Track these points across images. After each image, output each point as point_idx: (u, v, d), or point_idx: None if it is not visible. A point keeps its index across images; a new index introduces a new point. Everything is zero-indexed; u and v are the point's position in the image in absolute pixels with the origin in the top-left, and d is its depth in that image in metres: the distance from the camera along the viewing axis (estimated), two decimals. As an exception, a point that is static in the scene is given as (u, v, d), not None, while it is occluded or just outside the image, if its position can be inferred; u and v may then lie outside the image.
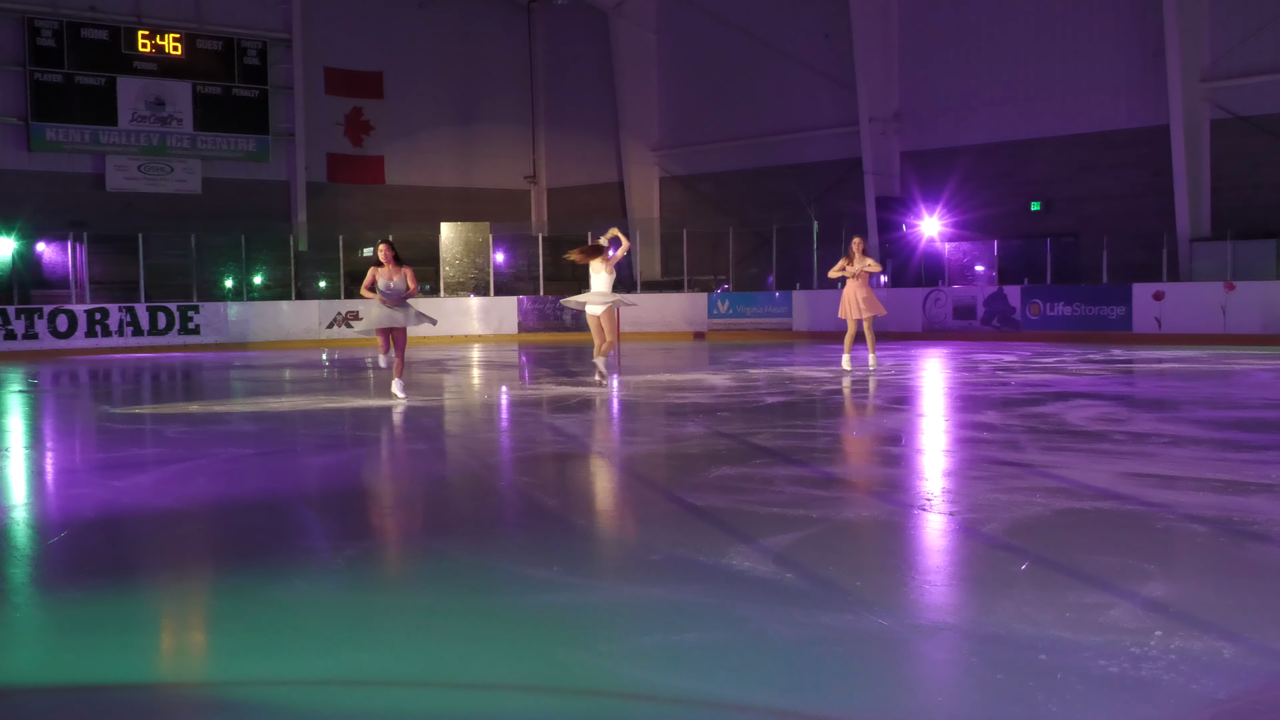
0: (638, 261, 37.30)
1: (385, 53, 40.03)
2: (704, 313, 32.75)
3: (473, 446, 11.38)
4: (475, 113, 41.97)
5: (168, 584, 6.35)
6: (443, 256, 34.46)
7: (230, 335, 30.50)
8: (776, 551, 6.43)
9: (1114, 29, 30.01)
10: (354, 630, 5.34)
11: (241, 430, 12.97)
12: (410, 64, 40.47)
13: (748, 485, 8.42)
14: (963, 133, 32.52)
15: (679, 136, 39.08)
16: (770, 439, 10.89)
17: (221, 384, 20.34)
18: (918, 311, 29.29)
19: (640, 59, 39.42)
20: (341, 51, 39.21)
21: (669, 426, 12.34)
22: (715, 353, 25.33)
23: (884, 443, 10.74)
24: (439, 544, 6.95)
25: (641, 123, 39.62)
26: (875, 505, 7.71)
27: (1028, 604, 5.37)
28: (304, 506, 8.49)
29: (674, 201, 39.58)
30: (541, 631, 5.20)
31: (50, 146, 33.92)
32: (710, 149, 38.19)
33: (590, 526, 7.39)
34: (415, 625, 5.39)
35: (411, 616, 5.52)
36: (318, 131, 38.56)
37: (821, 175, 35.43)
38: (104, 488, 9.07)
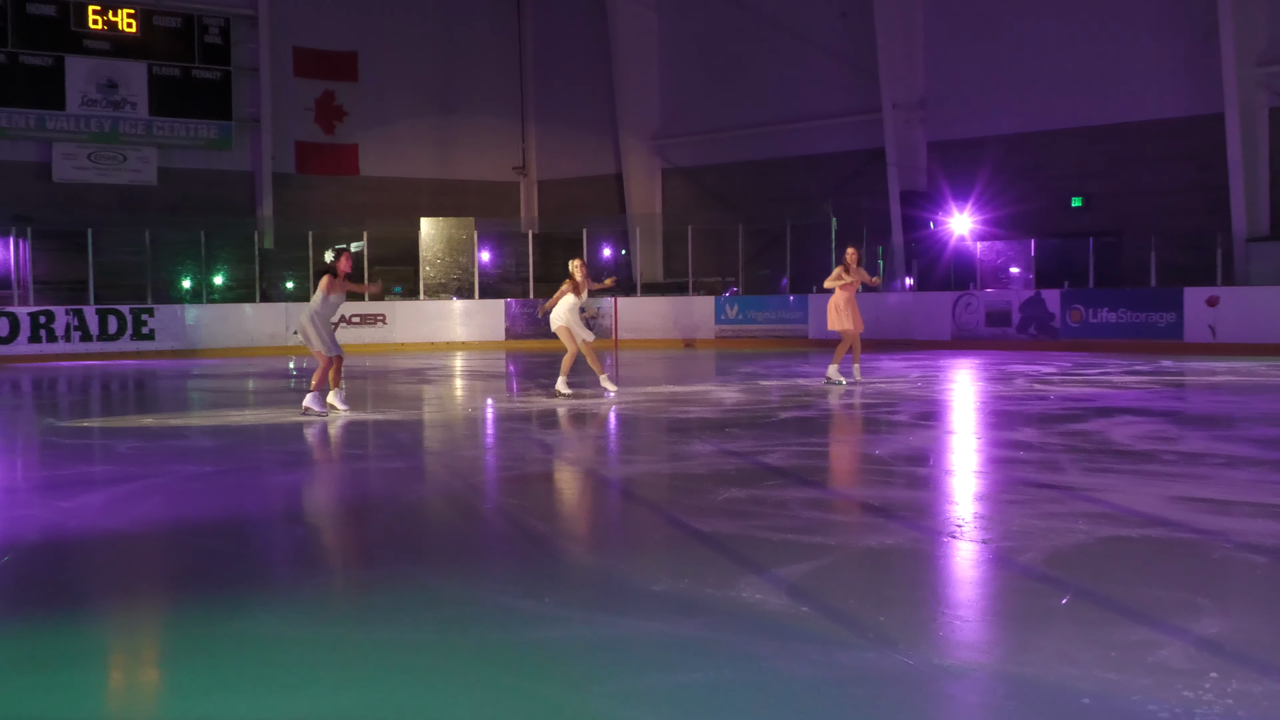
0: (637, 262, 37.31)
1: (360, 31, 40.05)
2: (710, 318, 32.74)
3: (454, 465, 11.36)
4: (459, 97, 41.97)
5: (119, 615, 6.33)
6: (422, 255, 34.46)
7: (188, 341, 30.48)
8: (790, 582, 6.41)
9: (1157, 9, 30.04)
10: (323, 667, 5.31)
11: (200, 446, 12.94)
12: (387, 43, 40.49)
13: (759, 509, 8.40)
14: (993, 121, 32.52)
15: (682, 125, 39.08)
16: (784, 458, 10.87)
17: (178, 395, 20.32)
18: (946, 317, 29.28)
19: (640, 40, 39.43)
20: (312, 29, 39.23)
21: (671, 444, 12.32)
22: (723, 362, 25.32)
23: (910, 463, 10.72)
24: (417, 572, 6.93)
25: (641, 110, 39.62)
26: (900, 532, 7.69)
27: (1068, 642, 5.35)
28: (269, 530, 8.47)
29: (677, 196, 39.58)
30: (531, 670, 5.17)
31: (-9, 132, 33.97)
32: (716, 138, 38.19)
33: (584, 554, 7.37)
34: (391, 662, 5.36)
35: (387, 652, 5.50)
36: (285, 117, 38.56)
37: (838, 168, 35.42)
38: (49, 509, 9.04)
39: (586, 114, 41.31)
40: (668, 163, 39.77)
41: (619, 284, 26.34)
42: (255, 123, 37.50)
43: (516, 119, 43.34)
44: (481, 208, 40.08)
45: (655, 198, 40.05)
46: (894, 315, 30.04)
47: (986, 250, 31.48)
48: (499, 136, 42.92)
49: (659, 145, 39.71)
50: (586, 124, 41.36)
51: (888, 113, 33.40)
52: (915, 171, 33.62)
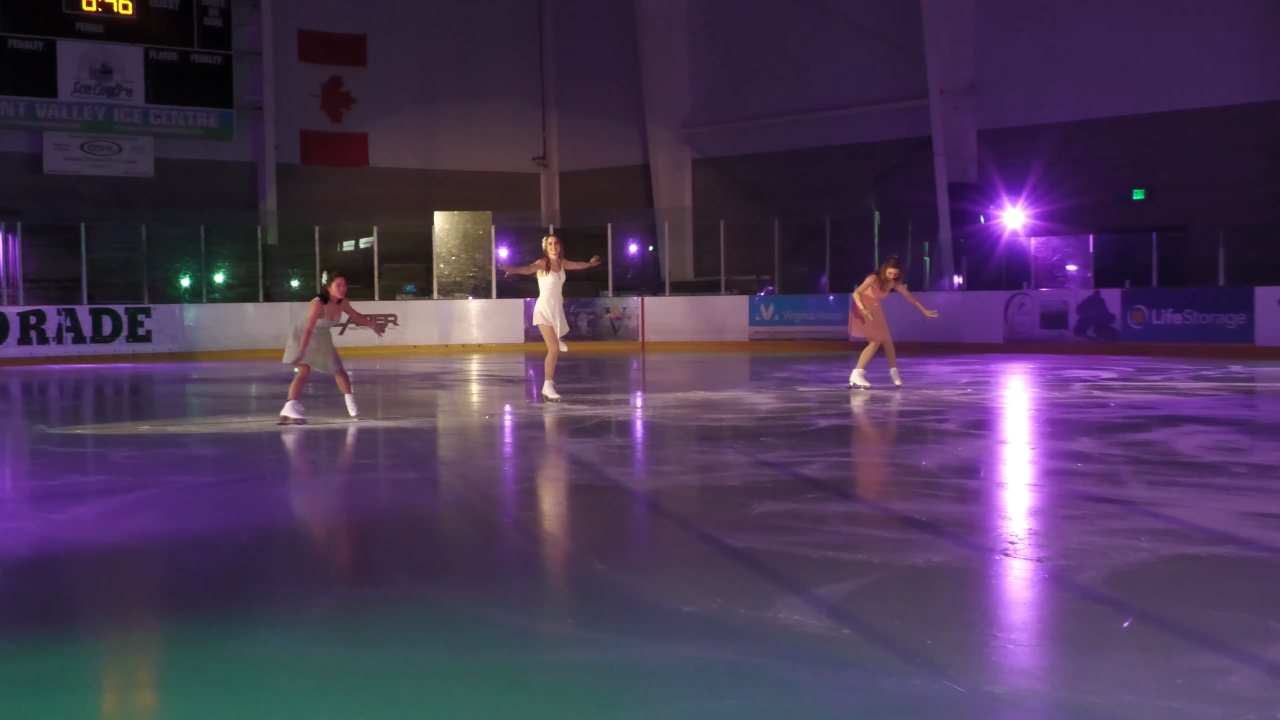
0: (665, 259, 37.30)
1: (369, 12, 40.17)
2: (744, 319, 32.71)
3: (470, 476, 11.37)
4: (475, 83, 42.03)
5: (113, 635, 6.35)
6: (436, 251, 34.50)
7: (187, 343, 30.60)
8: (831, 603, 6.40)
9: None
10: (330, 692, 5.32)
11: (200, 455, 12.98)
12: (398, 26, 40.58)
13: (796, 524, 8.38)
14: (1048, 108, 32.42)
15: (714, 112, 39.08)
16: (823, 469, 10.84)
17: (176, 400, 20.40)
18: (998, 319, 29.20)
19: (668, 21, 39.45)
20: (317, 11, 39.39)
21: (703, 454, 12.31)
22: (758, 366, 25.29)
23: (958, 475, 10.68)
24: (430, 591, 6.93)
25: (670, 96, 39.63)
26: (948, 549, 7.66)
27: (1130, 668, 5.33)
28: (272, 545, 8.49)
29: (708, 188, 39.58)
30: (553, 696, 5.17)
31: (-22, 121, 34.17)
32: (750, 126, 38.18)
33: (610, 572, 7.37)
34: (402, 687, 5.36)
35: (398, 677, 5.50)
36: (290, 105, 38.69)
37: (882, 158, 35.38)
38: (39, 521, 9.08)
39: (611, 101, 41.34)
40: (698, 153, 39.77)
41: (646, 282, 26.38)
42: (258, 110, 37.64)
43: (536, 106, 43.39)
44: (499, 201, 40.10)
45: (685, 190, 40.05)
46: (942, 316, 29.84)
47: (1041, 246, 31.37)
48: (518, 125, 42.96)
49: (689, 134, 39.72)
50: (611, 111, 41.40)
51: (935, 99, 33.32)
52: (964, 162, 33.54)
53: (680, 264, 38.51)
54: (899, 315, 27.29)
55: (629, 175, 41.06)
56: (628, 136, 40.89)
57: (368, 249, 35.15)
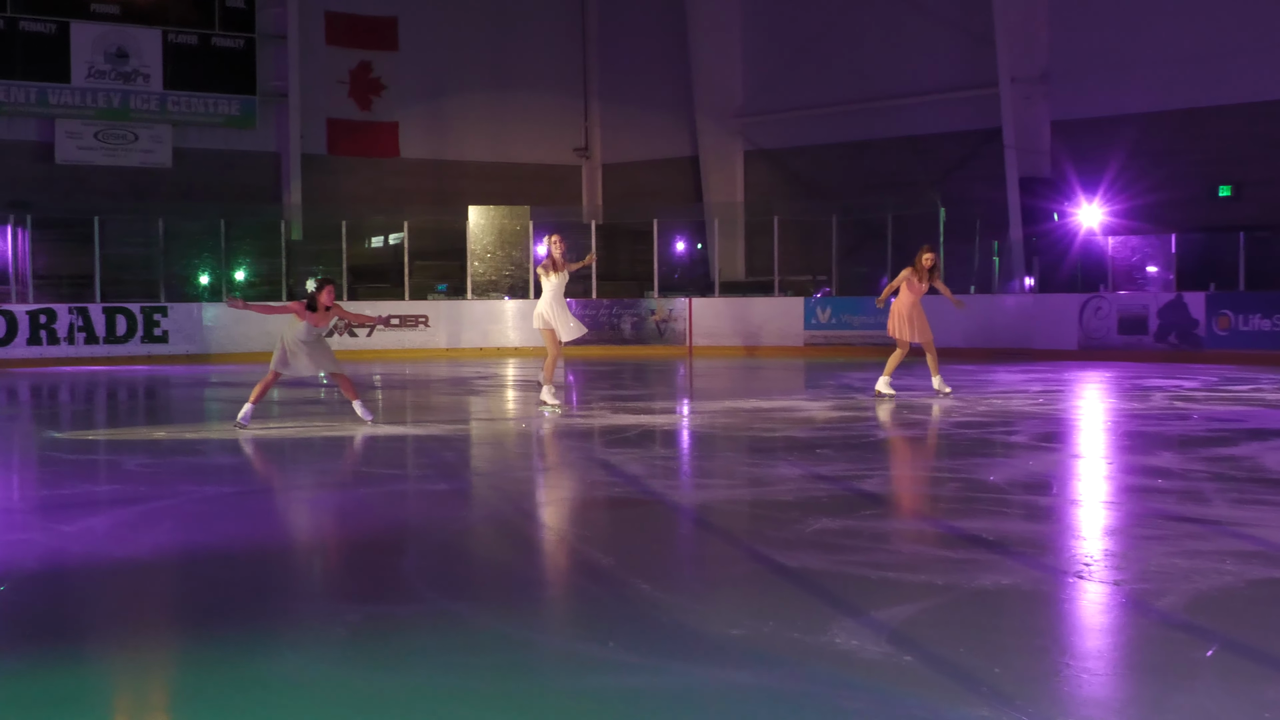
0: (715, 258, 37.26)
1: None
2: (799, 322, 32.66)
3: (506, 488, 11.39)
4: (513, 69, 42.07)
5: (126, 654, 6.38)
6: (470, 249, 34.56)
7: (205, 344, 30.74)
8: (891, 627, 6.39)
9: (1326, -34, 29.74)
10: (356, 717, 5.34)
11: (219, 464, 13.04)
12: (432, 7, 40.67)
13: (854, 542, 8.36)
14: (1128, 97, 32.23)
15: (768, 100, 39.04)
16: (883, 484, 10.82)
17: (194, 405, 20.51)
18: (1072, 323, 29.06)
19: (720, 3, 39.44)
20: (347, -9, 39.54)
21: (754, 466, 12.30)
22: (813, 373, 25.25)
23: (1029, 491, 10.64)
24: (463, 610, 6.95)
25: (721, 84, 39.60)
26: (1018, 570, 7.63)
27: (1213, 700, 5.30)
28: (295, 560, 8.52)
29: (761, 181, 39.55)
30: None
31: (-14, 108, 34.43)
32: (807, 116, 38.11)
33: (654, 592, 7.37)
34: (433, 713, 5.38)
35: (428, 702, 5.52)
36: (316, 91, 38.83)
37: (947, 150, 35.26)
38: (49, 533, 9.15)
39: (658, 89, 41.32)
40: (751, 144, 39.73)
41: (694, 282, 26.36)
42: (282, 97, 37.78)
43: (578, 94, 43.41)
44: (538, 194, 40.14)
45: (736, 184, 40.02)
46: (1011, 321, 29.85)
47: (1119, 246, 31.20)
48: (558, 114, 42.99)
49: (741, 124, 39.68)
50: (658, 100, 41.38)
51: (1005, 87, 33.18)
52: (1037, 155, 33.39)
53: (731, 263, 38.46)
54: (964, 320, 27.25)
55: (677, 168, 41.05)
56: (675, 127, 40.87)
57: (397, 245, 35.27)
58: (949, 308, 21.13)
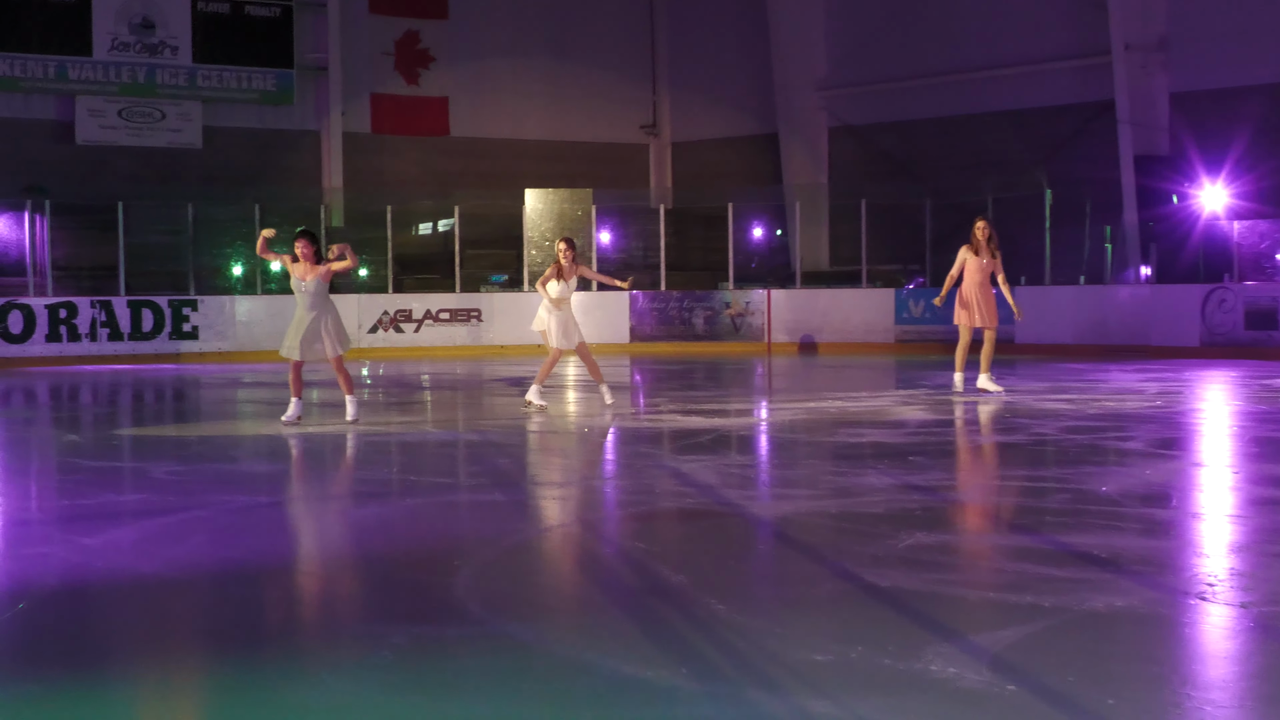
0: (796, 245, 37.16)
1: (452, -45, 40.45)
2: (889, 316, 32.59)
3: (567, 498, 11.42)
4: (573, 38, 42.13)
5: (153, 679, 6.44)
6: (526, 235, 34.64)
7: (238, 341, 30.95)
8: (993, 653, 6.37)
9: None
10: (405, 750, 5.37)
11: (253, 471, 13.13)
12: (485, -30, 40.85)
13: (951, 559, 8.33)
14: (1255, 66, 31.98)
15: (854, 72, 38.95)
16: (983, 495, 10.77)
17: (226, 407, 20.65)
18: (1194, 317, 28.85)
19: (803, -37, 39.44)
20: (393, -46, 39.70)
21: (839, 475, 12.28)
22: (905, 372, 25.18)
23: (1145, 503, 10.59)
24: (520, 632, 6.97)
25: (803, 53, 39.55)
26: (1133, 591, 7.60)
27: (1354, 735, 5.25)
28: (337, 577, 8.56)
29: (847, 161, 39.46)
30: (663, 758, 5.19)
31: (1, 85, 34.68)
32: (898, 88, 38.00)
33: (729, 613, 7.37)
34: (489, 745, 5.40)
35: (484, 733, 5.54)
36: (359, 64, 39.00)
37: (1054, 125, 35.08)
38: (70, 547, 9.23)
39: (733, 59, 41.31)
40: (835, 120, 39.66)
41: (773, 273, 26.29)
42: (322, 71, 37.99)
43: (645, 66, 43.44)
44: (601, 176, 40.17)
45: (819, 164, 39.95)
46: (1125, 314, 29.67)
47: (1247, 231, 30.95)
48: (623, 88, 43.02)
49: (824, 98, 39.62)
50: (733, 72, 41.37)
51: (1119, 55, 32.99)
52: (1154, 131, 33.17)
53: (813, 251, 38.39)
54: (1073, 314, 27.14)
55: (753, 146, 41.03)
56: (752, 101, 40.84)
57: (447, 232, 35.40)
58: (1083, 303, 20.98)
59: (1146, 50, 33.18)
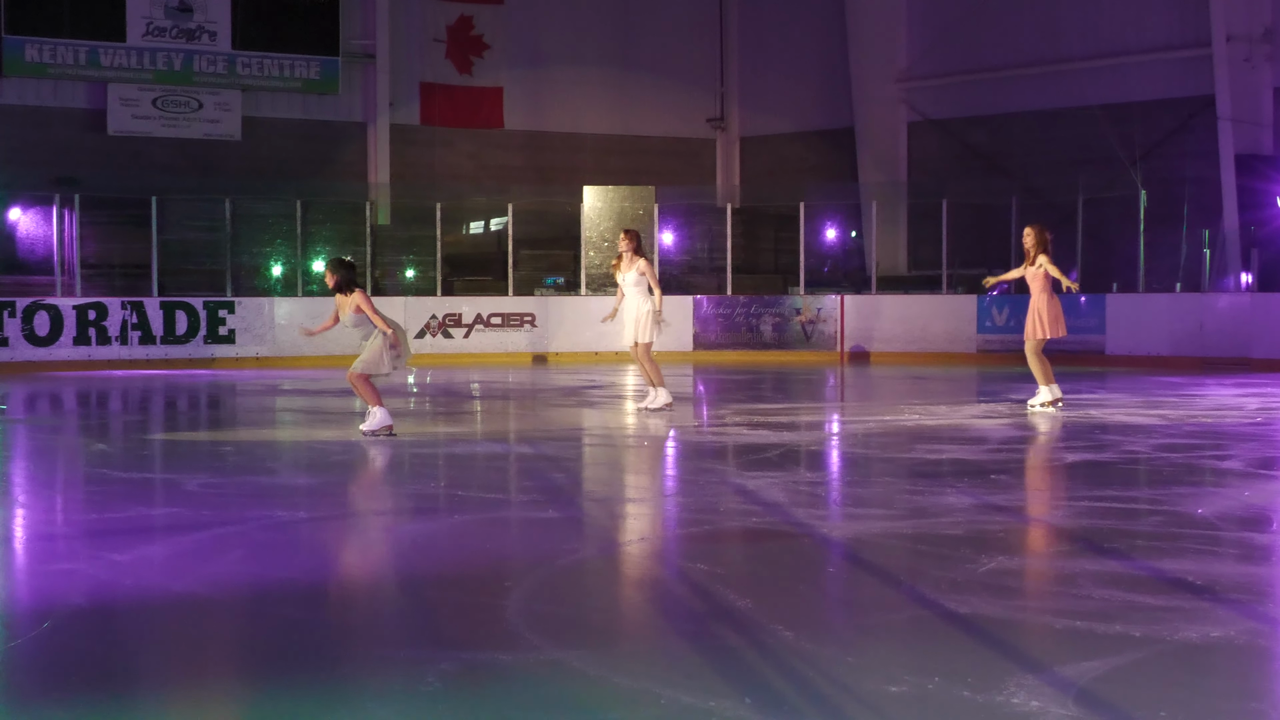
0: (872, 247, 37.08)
1: (507, -63, 40.50)
2: (971, 324, 32.47)
3: (624, 516, 11.43)
4: (637, 24, 42.12)
5: (186, 705, 6.48)
6: (585, 235, 34.62)
7: (278, 346, 31.03)
8: (1080, 686, 6.35)
9: None
10: (452, 782, 5.39)
11: (292, 484, 13.19)
12: (543, -47, 40.91)
13: (1035, 585, 8.31)
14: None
15: (938, 62, 38.84)
16: (1070, 516, 10.73)
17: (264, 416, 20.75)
18: (1298, 328, 28.68)
19: (882, -53, 39.37)
20: (444, -65, 39.79)
21: (916, 494, 12.26)
22: (987, 384, 25.10)
23: (1244, 526, 10.53)
24: (575, 659, 6.99)
25: (882, 42, 39.46)
26: (1231, 621, 7.56)
27: None
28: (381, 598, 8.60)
29: (928, 157, 39.33)
30: (726, 794, 5.19)
31: (29, 70, 34.93)
32: (984, 80, 37.87)
33: (797, 640, 7.37)
34: (540, 778, 5.42)
35: (535, 765, 5.56)
36: (408, 51, 39.11)
37: (1151, 121, 34.89)
38: (98, 563, 9.30)
39: (807, 48, 41.25)
40: (916, 113, 39.54)
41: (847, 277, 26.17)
42: (369, 58, 38.10)
43: (713, 56, 43.41)
44: (665, 173, 40.16)
45: (898, 160, 39.82)
46: (1225, 324, 29.46)
47: (1357, 237, 30.77)
48: (689, 79, 42.97)
49: (905, 90, 39.51)
50: (806, 62, 41.31)
51: (1219, 46, 32.80)
52: (1257, 128, 32.97)
53: (890, 253, 38.29)
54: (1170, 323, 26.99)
55: (828, 141, 40.95)
56: (827, 93, 40.76)
57: (500, 231, 35.45)
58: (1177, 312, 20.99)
59: (1250, 41, 32.98)
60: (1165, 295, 31.27)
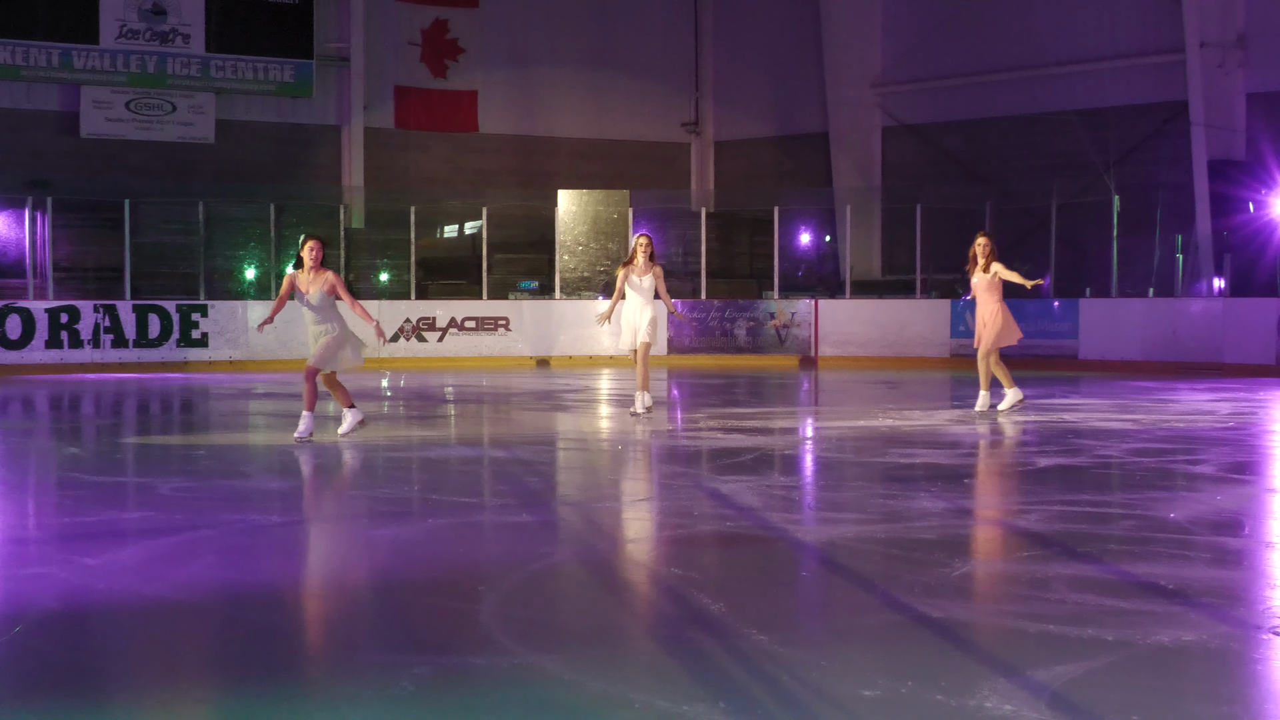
0: (846, 252, 37.13)
1: (482, -60, 40.47)
2: (945, 328, 32.53)
3: (598, 520, 11.43)
4: (612, 28, 42.10)
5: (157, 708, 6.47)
6: (559, 239, 34.64)
7: (251, 349, 31.01)
8: (1052, 690, 6.37)
9: None
10: (425, 786, 5.39)
11: (264, 488, 13.17)
12: (518, -43, 40.89)
13: (1008, 589, 8.32)
14: (1342, 65, 31.92)
15: (912, 68, 38.89)
16: (1042, 520, 10.76)
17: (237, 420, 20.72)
18: (1270, 333, 28.73)
19: (856, -49, 39.43)
20: (419, -62, 39.77)
21: (890, 498, 12.27)
22: (961, 389, 25.14)
23: (1216, 530, 10.55)
24: (549, 664, 6.98)
25: (857, 47, 39.49)
26: (1203, 625, 7.58)
27: None
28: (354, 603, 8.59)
29: (903, 162, 39.37)
30: (699, 798, 5.20)
31: (2, 73, 34.76)
32: (957, 85, 37.92)
33: (771, 644, 7.38)
34: (514, 782, 5.41)
35: (508, 769, 5.56)
36: (383, 55, 39.05)
37: (1124, 127, 34.96)
38: (70, 567, 9.27)
39: (782, 53, 41.27)
40: (891, 118, 39.59)
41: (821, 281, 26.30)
42: (343, 62, 38.05)
43: (688, 60, 43.40)
44: (640, 177, 40.16)
45: (873, 165, 39.86)
46: (1198, 329, 29.55)
47: (1328, 243, 30.85)
48: (664, 83, 42.95)
49: (879, 94, 39.57)
50: (782, 67, 41.34)
51: (1193, 52, 32.88)
52: (1230, 134, 33.05)
53: (865, 258, 38.32)
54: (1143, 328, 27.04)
55: (802, 146, 40.97)
56: (802, 98, 40.79)
57: (475, 235, 35.44)
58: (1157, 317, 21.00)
59: (1224, 47, 33.06)
60: (1138, 300, 31.36)
